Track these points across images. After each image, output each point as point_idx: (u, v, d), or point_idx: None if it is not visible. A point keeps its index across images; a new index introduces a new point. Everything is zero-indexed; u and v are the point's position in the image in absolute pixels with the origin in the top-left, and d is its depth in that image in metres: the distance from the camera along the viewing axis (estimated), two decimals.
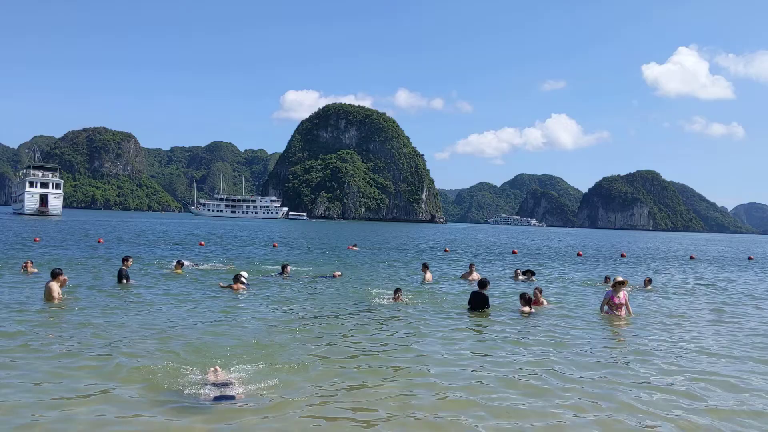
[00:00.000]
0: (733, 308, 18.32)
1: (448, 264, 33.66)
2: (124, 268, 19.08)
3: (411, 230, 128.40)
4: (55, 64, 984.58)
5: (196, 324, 12.83)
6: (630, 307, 15.62)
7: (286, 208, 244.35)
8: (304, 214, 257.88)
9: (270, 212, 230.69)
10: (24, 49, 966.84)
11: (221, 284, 18.75)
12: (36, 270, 20.75)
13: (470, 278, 23.44)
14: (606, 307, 15.53)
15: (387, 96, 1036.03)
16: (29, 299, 15.18)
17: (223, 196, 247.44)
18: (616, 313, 15.23)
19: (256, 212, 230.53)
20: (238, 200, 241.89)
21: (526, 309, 15.14)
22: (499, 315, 15.15)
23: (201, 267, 25.37)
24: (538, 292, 17.03)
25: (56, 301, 14.67)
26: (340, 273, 23.61)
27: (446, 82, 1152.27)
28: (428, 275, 23.68)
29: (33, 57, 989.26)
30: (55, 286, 14.93)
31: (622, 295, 15.45)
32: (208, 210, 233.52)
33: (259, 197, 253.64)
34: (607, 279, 24.31)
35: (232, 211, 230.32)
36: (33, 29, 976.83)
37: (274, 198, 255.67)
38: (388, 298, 17.00)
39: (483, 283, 15.99)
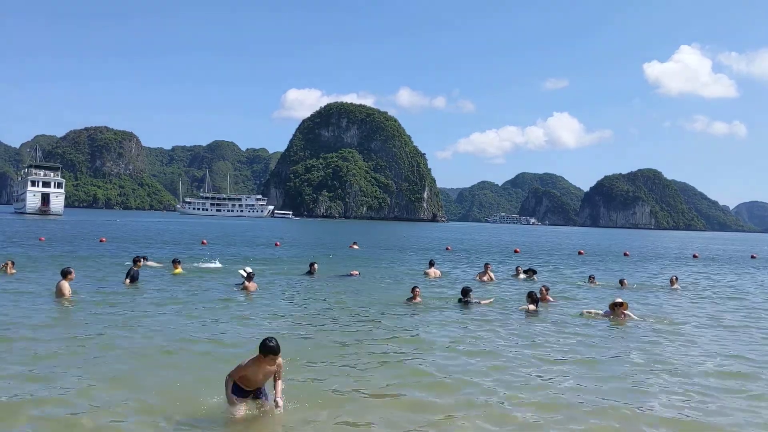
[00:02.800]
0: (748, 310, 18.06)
1: (454, 263, 33.62)
2: (134, 268, 19.02)
3: (412, 229, 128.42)
4: (55, 64, 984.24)
5: (215, 331, 12.10)
6: (634, 314, 15.10)
7: (271, 207, 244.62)
8: (290, 212, 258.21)
9: (255, 210, 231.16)
10: (23, 50, 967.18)
11: (235, 287, 18.17)
12: (15, 271, 20.19)
13: (484, 278, 22.80)
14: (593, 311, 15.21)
15: (389, 95, 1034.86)
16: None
17: (208, 195, 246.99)
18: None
19: (242, 210, 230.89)
20: (224, 199, 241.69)
21: (532, 307, 15.44)
22: (508, 314, 15.34)
23: (201, 266, 25.32)
24: (544, 290, 17.33)
25: (67, 301, 14.76)
26: (357, 272, 23.59)
27: (448, 80, 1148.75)
28: (433, 271, 24.03)
29: (31, 58, 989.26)
30: (66, 285, 15.12)
31: (621, 319, 14.56)
32: (194, 208, 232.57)
33: (244, 196, 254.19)
34: (590, 279, 23.86)
35: (217, 210, 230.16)
36: (31, 30, 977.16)
37: (259, 196, 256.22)
38: (407, 299, 16.76)
39: (465, 291, 16.64)
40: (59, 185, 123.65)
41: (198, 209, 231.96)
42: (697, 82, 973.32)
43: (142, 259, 20.51)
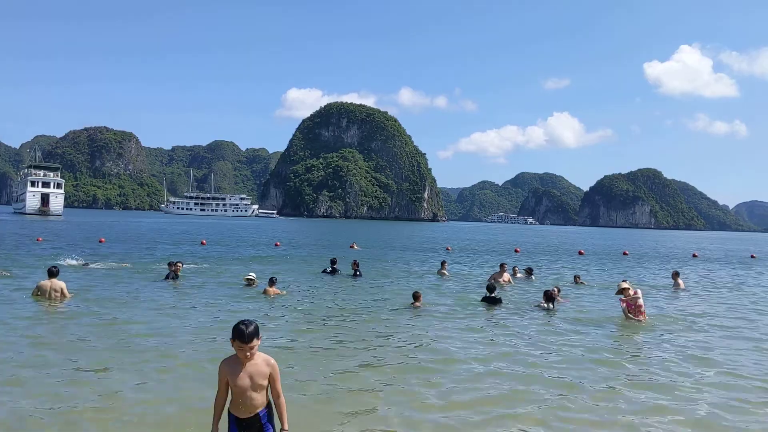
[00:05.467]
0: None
1: (458, 263, 33.53)
2: (171, 271, 19.97)
3: (413, 229, 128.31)
4: (54, 66, 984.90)
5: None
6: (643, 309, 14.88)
7: (255, 206, 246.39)
8: (274, 211, 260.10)
9: (240, 210, 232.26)
10: (23, 52, 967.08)
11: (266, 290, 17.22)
12: None
13: (501, 279, 22.07)
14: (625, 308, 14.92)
15: (390, 94, 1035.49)
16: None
17: (192, 194, 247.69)
18: (641, 318, 14.55)
19: (226, 210, 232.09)
20: (208, 198, 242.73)
21: (547, 305, 15.92)
22: (524, 312, 15.58)
23: (198, 266, 25.22)
24: (556, 291, 17.63)
25: (67, 299, 14.75)
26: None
27: (449, 80, 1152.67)
28: (445, 271, 24.94)
29: (31, 59, 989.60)
30: (62, 283, 14.98)
31: (633, 293, 14.68)
32: (178, 208, 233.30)
33: (228, 195, 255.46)
34: (576, 279, 23.61)
35: (201, 209, 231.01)
36: (30, 31, 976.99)
37: (243, 196, 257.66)
38: (409, 304, 16.26)
39: (491, 289, 17.01)
40: (59, 185, 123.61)
41: (182, 209, 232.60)
42: (698, 82, 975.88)
43: (178, 263, 20.78)
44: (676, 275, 23.50)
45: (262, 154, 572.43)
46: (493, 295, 16.64)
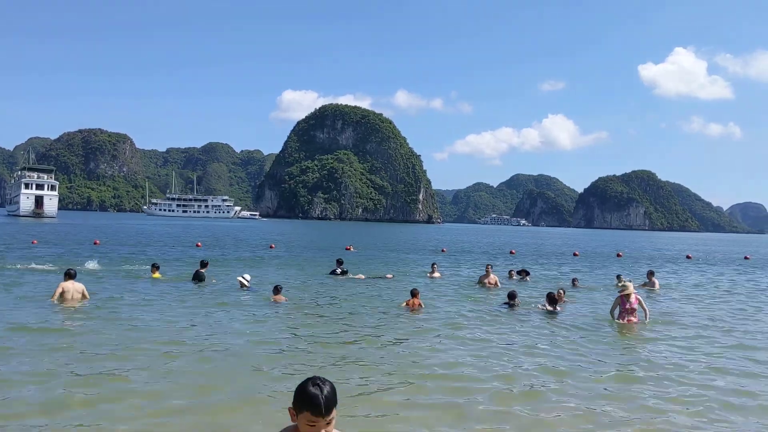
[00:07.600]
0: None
1: (454, 265, 33.62)
2: (201, 270, 20.30)
3: (408, 231, 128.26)
4: (50, 66, 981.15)
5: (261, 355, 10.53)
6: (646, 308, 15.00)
7: (238, 208, 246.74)
8: (257, 213, 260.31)
9: (222, 211, 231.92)
10: (19, 52, 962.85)
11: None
12: None
13: (487, 281, 22.06)
14: (617, 312, 14.94)
15: (386, 96, 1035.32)
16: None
17: (174, 196, 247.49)
18: (632, 319, 14.58)
19: (208, 211, 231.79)
20: (190, 200, 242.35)
21: (551, 308, 15.75)
22: (528, 314, 15.61)
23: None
24: (561, 293, 17.56)
25: (81, 302, 14.81)
26: (391, 275, 23.91)
27: (445, 82, 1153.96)
28: (436, 273, 24.69)
29: (28, 59, 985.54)
30: (82, 286, 15.14)
31: (635, 298, 14.77)
32: (160, 210, 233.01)
33: (210, 197, 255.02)
34: (574, 281, 23.63)
35: (183, 211, 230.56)
36: (27, 32, 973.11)
37: (226, 197, 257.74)
38: (406, 302, 16.24)
39: (512, 296, 16.62)
40: (53, 187, 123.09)
41: (164, 210, 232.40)
42: (693, 84, 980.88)
43: (208, 263, 21.21)
44: (650, 275, 23.50)
45: (257, 156, 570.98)
46: (512, 302, 16.22)
